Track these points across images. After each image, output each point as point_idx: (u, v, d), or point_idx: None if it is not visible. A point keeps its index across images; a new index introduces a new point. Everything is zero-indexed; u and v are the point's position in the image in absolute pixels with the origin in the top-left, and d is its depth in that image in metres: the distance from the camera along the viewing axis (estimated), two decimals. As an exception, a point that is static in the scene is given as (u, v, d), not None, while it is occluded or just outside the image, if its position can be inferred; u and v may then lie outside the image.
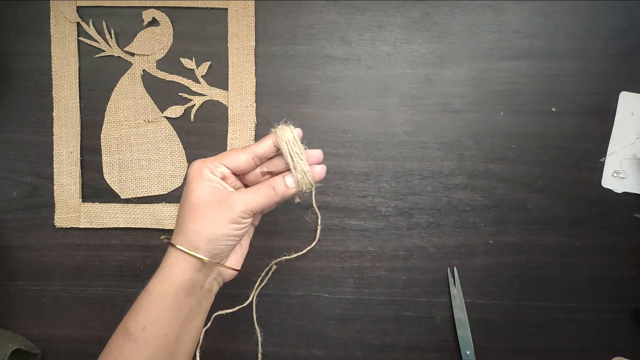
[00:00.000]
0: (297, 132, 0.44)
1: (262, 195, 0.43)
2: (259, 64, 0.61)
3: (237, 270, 0.46)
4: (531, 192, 0.61)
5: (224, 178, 0.44)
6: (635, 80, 0.60)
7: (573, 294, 0.61)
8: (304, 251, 0.57)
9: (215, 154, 0.60)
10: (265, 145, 0.44)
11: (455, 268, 0.60)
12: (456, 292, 0.60)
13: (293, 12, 0.60)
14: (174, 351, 0.42)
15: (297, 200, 0.47)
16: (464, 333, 0.60)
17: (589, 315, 0.61)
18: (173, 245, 0.42)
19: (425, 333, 0.61)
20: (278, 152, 0.45)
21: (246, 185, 0.47)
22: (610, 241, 0.61)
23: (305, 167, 0.44)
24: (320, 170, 0.45)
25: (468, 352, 0.60)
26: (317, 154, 0.46)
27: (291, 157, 0.44)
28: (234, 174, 0.45)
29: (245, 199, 0.42)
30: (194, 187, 0.42)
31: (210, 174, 0.43)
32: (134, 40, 0.60)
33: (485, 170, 0.61)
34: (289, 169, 0.45)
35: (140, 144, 0.61)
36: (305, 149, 0.45)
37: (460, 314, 0.60)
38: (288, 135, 0.43)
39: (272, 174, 0.46)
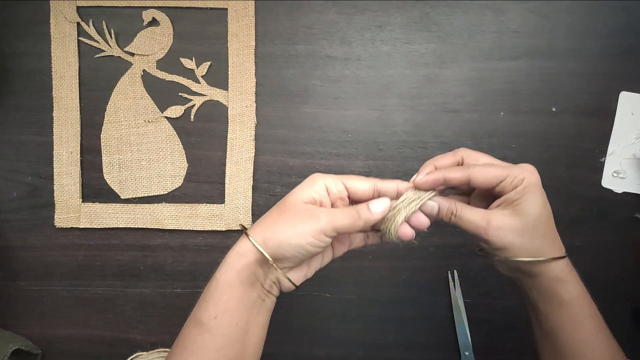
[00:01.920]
0: (433, 206, 0.43)
1: (346, 216, 0.41)
2: (259, 64, 0.61)
3: (294, 285, 0.44)
4: (531, 192, 0.61)
5: (338, 198, 0.42)
6: (635, 80, 0.60)
7: (573, 294, 0.61)
8: None
9: (215, 154, 0.61)
10: (390, 187, 0.42)
11: (455, 271, 0.60)
12: (456, 295, 0.60)
13: (293, 12, 0.60)
14: (245, 342, 0.42)
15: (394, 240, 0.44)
16: (463, 335, 0.60)
17: (589, 315, 0.61)
18: (246, 235, 0.41)
19: (425, 332, 0.61)
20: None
21: None
22: (610, 241, 0.61)
23: (399, 222, 0.42)
24: (406, 232, 0.43)
25: (467, 353, 0.60)
26: (425, 222, 0.43)
27: (400, 207, 0.42)
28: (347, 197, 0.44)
29: (331, 215, 0.40)
30: (297, 190, 0.42)
31: (322, 186, 0.42)
32: (134, 40, 0.60)
33: (485, 170, 0.61)
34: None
35: (140, 144, 0.61)
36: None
37: (460, 317, 0.60)
38: (426, 203, 0.42)
39: None
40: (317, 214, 0.40)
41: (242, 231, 0.43)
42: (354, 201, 0.44)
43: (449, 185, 0.43)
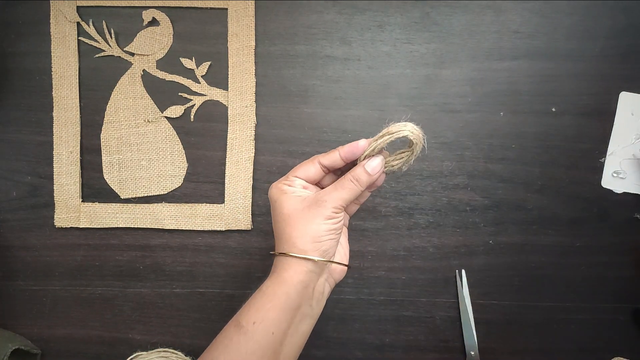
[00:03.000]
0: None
1: (347, 190, 0.44)
2: (259, 64, 0.61)
3: (346, 265, 0.48)
4: (531, 192, 0.61)
5: (304, 187, 0.46)
6: (635, 80, 0.60)
7: (573, 294, 0.61)
8: None
9: (215, 154, 0.61)
10: (334, 157, 0.46)
11: (463, 270, 0.60)
12: (464, 294, 0.60)
13: (293, 12, 0.60)
14: (278, 351, 0.43)
15: (404, 169, 0.47)
16: (469, 335, 0.60)
17: (589, 315, 0.61)
18: (283, 254, 0.44)
19: (424, 333, 0.61)
20: (345, 165, 0.46)
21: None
22: (610, 241, 0.61)
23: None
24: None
25: (472, 353, 0.60)
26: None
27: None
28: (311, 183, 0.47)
29: (333, 196, 0.44)
30: (282, 202, 0.45)
31: (290, 187, 0.45)
32: (134, 40, 0.60)
33: (485, 170, 0.61)
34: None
35: (140, 144, 0.61)
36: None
37: (467, 316, 0.60)
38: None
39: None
40: (321, 200, 0.44)
41: (275, 255, 0.45)
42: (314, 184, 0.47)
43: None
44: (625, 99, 0.60)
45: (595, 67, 0.60)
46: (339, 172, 0.48)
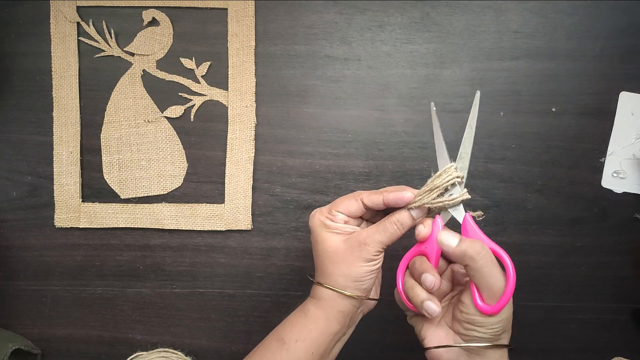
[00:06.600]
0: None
1: (389, 234, 0.45)
2: (259, 64, 0.61)
3: (377, 299, 0.50)
4: (531, 192, 0.61)
5: (346, 222, 0.47)
6: (635, 80, 0.60)
7: (573, 294, 0.61)
8: None
9: (215, 154, 0.61)
10: (377, 200, 0.45)
11: None
12: None
13: (293, 12, 0.60)
14: None
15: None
16: None
17: (589, 315, 0.61)
18: (324, 286, 0.46)
19: (425, 333, 0.61)
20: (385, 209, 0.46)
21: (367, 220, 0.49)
22: (610, 241, 0.61)
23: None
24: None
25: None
26: None
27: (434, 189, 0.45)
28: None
29: (375, 239, 0.45)
30: (325, 238, 0.46)
31: (333, 222, 0.46)
32: (134, 40, 0.60)
33: (485, 170, 0.61)
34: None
35: (140, 144, 0.61)
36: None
37: None
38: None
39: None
40: (364, 244, 0.45)
41: (315, 282, 0.48)
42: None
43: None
44: (625, 99, 0.60)
45: (595, 67, 0.60)
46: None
